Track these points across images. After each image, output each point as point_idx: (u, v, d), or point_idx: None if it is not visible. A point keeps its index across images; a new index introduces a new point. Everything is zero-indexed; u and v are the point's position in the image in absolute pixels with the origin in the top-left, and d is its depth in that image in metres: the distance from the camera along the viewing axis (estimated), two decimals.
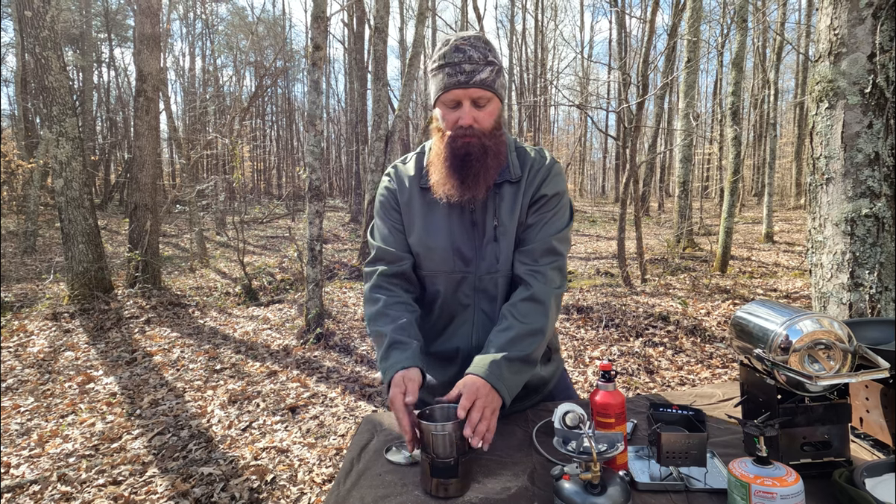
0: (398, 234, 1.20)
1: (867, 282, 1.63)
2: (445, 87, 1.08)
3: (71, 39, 17.01)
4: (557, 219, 1.16)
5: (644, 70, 6.46)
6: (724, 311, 4.88)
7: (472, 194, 1.10)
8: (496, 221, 1.13)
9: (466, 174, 1.08)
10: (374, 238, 1.23)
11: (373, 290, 1.18)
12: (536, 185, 1.16)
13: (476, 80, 1.06)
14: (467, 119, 1.08)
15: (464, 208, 1.14)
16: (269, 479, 2.39)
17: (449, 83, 1.07)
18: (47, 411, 3.21)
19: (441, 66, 1.08)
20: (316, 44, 4.59)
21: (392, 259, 1.19)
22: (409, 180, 1.20)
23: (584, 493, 0.77)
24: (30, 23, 5.37)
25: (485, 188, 1.11)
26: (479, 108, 1.09)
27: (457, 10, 22.10)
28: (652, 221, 16.15)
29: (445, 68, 1.07)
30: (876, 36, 1.58)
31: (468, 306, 1.17)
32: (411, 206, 1.18)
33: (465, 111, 1.08)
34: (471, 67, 1.06)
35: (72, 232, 5.68)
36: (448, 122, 1.10)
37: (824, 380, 0.84)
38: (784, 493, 0.72)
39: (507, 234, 1.14)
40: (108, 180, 19.88)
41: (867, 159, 1.62)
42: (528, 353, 1.05)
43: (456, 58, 1.06)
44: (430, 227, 1.15)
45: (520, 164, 1.18)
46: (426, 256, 1.17)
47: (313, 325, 4.57)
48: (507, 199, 1.14)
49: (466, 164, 1.08)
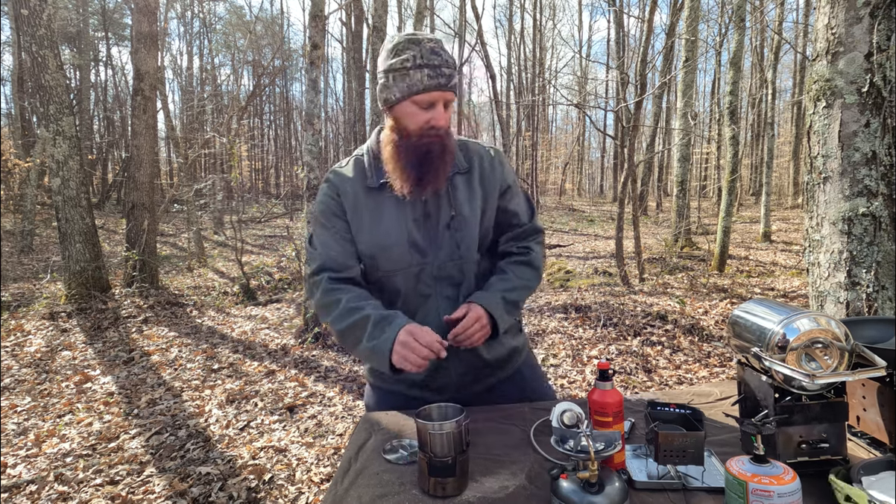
0: (344, 242, 1.18)
1: (864, 280, 1.63)
2: (426, 88, 1.08)
3: (68, 38, 16.96)
4: (523, 201, 1.29)
5: (642, 69, 6.46)
6: (722, 310, 4.89)
7: (433, 189, 1.14)
8: (453, 211, 1.17)
9: (426, 171, 1.11)
10: (315, 247, 1.20)
11: (326, 293, 1.15)
12: (498, 175, 1.23)
13: (451, 84, 1.11)
14: (443, 121, 1.11)
15: (415, 201, 1.16)
16: (267, 478, 2.39)
17: (430, 84, 1.08)
18: (44, 411, 3.20)
19: (419, 65, 1.07)
20: (314, 43, 4.58)
21: (338, 267, 1.17)
22: (351, 184, 1.19)
23: (582, 491, 0.77)
24: (26, 21, 5.35)
25: (442, 181, 1.15)
26: (445, 111, 1.13)
27: (455, 10, 22.10)
28: (650, 221, 16.18)
29: (425, 69, 1.07)
30: (873, 35, 1.58)
31: (429, 296, 1.18)
32: (358, 209, 1.18)
33: (439, 112, 1.11)
34: (449, 72, 1.10)
35: (69, 231, 5.66)
36: (417, 122, 1.11)
37: (821, 378, 0.84)
38: (781, 491, 0.72)
39: (468, 222, 1.18)
40: (105, 179, 19.83)
41: (864, 158, 1.62)
42: (519, 301, 1.19)
43: (435, 60, 1.08)
44: (382, 227, 1.16)
45: (464, 155, 1.23)
46: (382, 257, 1.17)
47: (311, 325, 4.57)
48: (461, 188, 1.19)
49: (427, 161, 1.11)
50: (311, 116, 4.67)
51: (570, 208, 21.55)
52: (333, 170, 1.25)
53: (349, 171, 1.22)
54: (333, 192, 1.20)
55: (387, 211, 1.16)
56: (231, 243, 7.45)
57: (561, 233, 13.94)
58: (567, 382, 3.50)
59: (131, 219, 6.48)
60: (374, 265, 1.19)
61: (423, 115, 1.10)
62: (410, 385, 1.23)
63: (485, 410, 1.24)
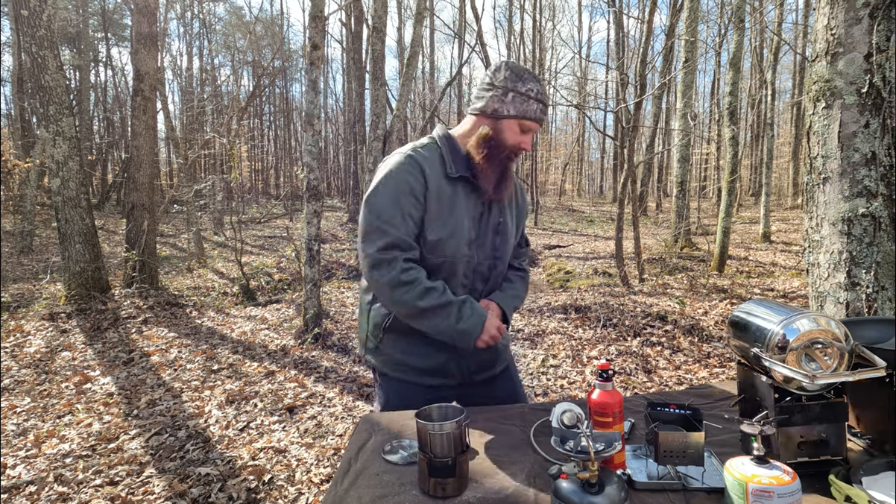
0: (411, 222, 1.24)
1: (864, 281, 1.63)
2: (534, 118, 1.28)
3: (68, 38, 16.96)
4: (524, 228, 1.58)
5: (642, 70, 6.46)
6: (722, 310, 4.89)
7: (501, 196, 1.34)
8: (500, 219, 1.37)
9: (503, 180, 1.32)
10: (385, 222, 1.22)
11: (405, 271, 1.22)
12: (523, 203, 1.50)
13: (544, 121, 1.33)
14: (528, 146, 1.32)
15: (478, 200, 1.33)
16: (266, 479, 2.39)
17: (539, 117, 1.29)
18: (44, 412, 3.20)
19: (537, 99, 1.28)
20: (314, 43, 4.59)
21: (407, 247, 1.24)
22: (434, 169, 1.28)
23: (582, 492, 0.77)
24: (26, 22, 5.35)
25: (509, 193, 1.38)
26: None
27: (455, 11, 22.11)
28: (650, 221, 16.18)
29: (539, 104, 1.29)
30: (872, 36, 1.58)
31: (465, 286, 1.34)
32: (440, 195, 1.27)
33: (528, 139, 1.31)
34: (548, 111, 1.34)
35: (69, 232, 5.66)
36: (514, 140, 1.29)
37: (821, 379, 0.84)
38: (781, 491, 0.73)
39: (508, 232, 1.39)
40: (105, 180, 19.82)
41: (864, 159, 1.63)
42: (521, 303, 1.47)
43: (546, 99, 1.31)
44: (454, 216, 1.28)
45: None
46: (447, 244, 1.27)
47: (311, 325, 4.56)
48: (505, 206, 1.40)
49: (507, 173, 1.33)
50: (310, 117, 4.67)
51: (569, 209, 21.56)
52: (416, 149, 1.30)
53: (432, 155, 1.30)
54: (418, 170, 1.26)
55: (459, 202, 1.29)
56: (231, 244, 7.45)
57: (561, 233, 13.94)
58: (567, 383, 3.50)
59: (131, 219, 6.47)
60: (435, 250, 1.27)
61: (520, 137, 1.29)
62: (431, 373, 1.34)
63: (485, 411, 1.24)
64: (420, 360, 1.33)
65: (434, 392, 1.33)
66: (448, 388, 1.36)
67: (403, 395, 1.33)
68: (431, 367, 1.33)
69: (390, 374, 1.36)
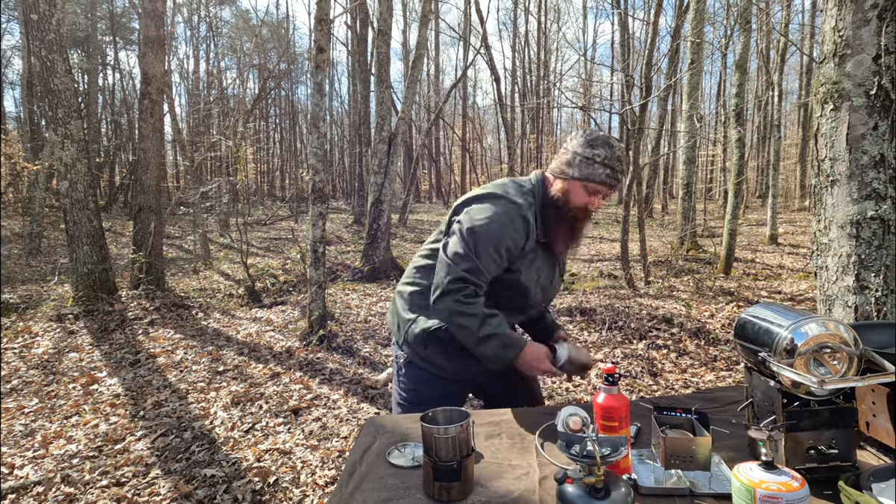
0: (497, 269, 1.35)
1: (873, 284, 1.61)
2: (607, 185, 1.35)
3: (76, 42, 17.12)
4: None
5: (647, 72, 6.45)
6: (728, 313, 4.86)
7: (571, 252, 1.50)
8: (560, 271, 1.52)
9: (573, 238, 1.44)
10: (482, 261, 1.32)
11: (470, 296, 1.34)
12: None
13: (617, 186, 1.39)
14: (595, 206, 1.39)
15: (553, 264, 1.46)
16: (271, 481, 2.39)
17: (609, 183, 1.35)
18: (51, 412, 3.22)
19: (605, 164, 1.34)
20: (319, 46, 4.61)
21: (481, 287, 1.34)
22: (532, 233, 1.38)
23: (588, 497, 0.76)
24: (36, 26, 5.40)
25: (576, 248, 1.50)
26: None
27: (460, 13, 22.14)
28: (655, 223, 16.11)
29: (608, 169, 1.34)
30: (881, 37, 1.57)
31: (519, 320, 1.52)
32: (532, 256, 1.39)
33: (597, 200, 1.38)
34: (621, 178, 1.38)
35: (76, 234, 5.71)
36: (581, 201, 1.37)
37: (830, 383, 0.83)
38: (790, 497, 0.72)
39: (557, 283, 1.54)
40: (112, 182, 19.97)
41: (872, 161, 1.61)
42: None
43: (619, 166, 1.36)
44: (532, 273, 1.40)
45: None
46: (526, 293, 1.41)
47: (316, 327, 4.57)
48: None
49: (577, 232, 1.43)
50: (316, 120, 4.69)
51: None
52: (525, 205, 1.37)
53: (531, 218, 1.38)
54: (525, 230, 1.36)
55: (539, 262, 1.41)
56: (236, 246, 7.48)
57: None
58: (572, 386, 3.49)
59: (138, 221, 6.52)
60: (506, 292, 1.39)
61: (588, 198, 1.37)
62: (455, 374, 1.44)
63: (490, 415, 1.23)
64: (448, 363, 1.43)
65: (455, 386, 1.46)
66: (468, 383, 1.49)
67: (427, 381, 1.45)
68: (458, 370, 1.43)
69: (416, 363, 1.46)
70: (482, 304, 1.32)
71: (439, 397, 1.28)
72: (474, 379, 1.48)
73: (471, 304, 1.31)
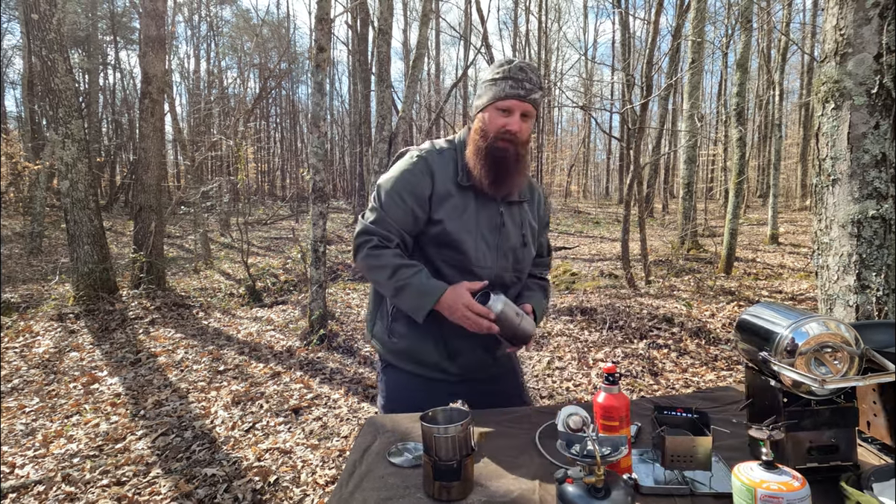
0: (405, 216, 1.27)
1: (874, 284, 1.61)
2: (506, 96, 1.24)
3: (77, 42, 17.13)
4: (547, 238, 1.54)
5: (648, 71, 6.44)
6: (729, 312, 4.85)
7: (507, 192, 1.30)
8: (523, 231, 1.37)
9: (503, 174, 1.27)
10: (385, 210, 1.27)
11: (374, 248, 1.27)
12: (545, 212, 1.48)
13: (531, 98, 1.26)
14: (516, 126, 1.25)
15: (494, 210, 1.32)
16: (272, 480, 2.39)
17: (510, 93, 1.24)
18: (52, 412, 3.22)
19: (505, 77, 1.25)
20: (320, 45, 4.60)
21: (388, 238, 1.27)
22: (446, 172, 1.29)
23: (588, 496, 0.76)
24: (36, 25, 5.40)
25: (514, 190, 1.32)
26: (523, 121, 1.27)
27: (460, 12, 22.13)
28: (656, 223, 16.09)
29: (509, 80, 1.24)
30: (882, 36, 1.57)
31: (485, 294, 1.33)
32: (448, 200, 1.28)
33: (515, 119, 1.25)
34: (529, 87, 1.25)
35: (77, 233, 5.71)
36: (495, 125, 1.25)
37: (831, 383, 0.83)
38: (790, 497, 0.72)
39: (530, 244, 1.39)
40: (113, 182, 19.98)
41: (874, 160, 1.61)
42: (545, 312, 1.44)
43: (519, 75, 1.25)
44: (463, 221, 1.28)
45: (528, 188, 1.42)
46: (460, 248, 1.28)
47: (317, 327, 4.57)
48: (528, 215, 1.40)
49: (503, 165, 1.26)
50: (316, 119, 4.69)
51: (575, 210, 21.49)
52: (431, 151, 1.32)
53: (447, 161, 1.31)
54: (428, 170, 1.28)
55: (469, 210, 1.29)
56: (237, 245, 7.48)
57: (566, 235, 13.90)
58: (573, 385, 3.48)
59: (139, 221, 6.52)
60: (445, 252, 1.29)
61: (501, 119, 1.25)
62: (431, 367, 1.33)
63: (490, 414, 1.23)
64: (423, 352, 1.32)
65: (435, 385, 1.33)
66: (448, 384, 1.34)
67: (405, 387, 1.34)
68: (432, 360, 1.33)
69: (393, 364, 1.37)
70: (392, 254, 1.25)
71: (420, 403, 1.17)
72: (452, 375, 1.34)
73: (378, 255, 1.25)
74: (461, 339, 1.29)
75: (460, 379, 1.35)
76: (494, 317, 1.19)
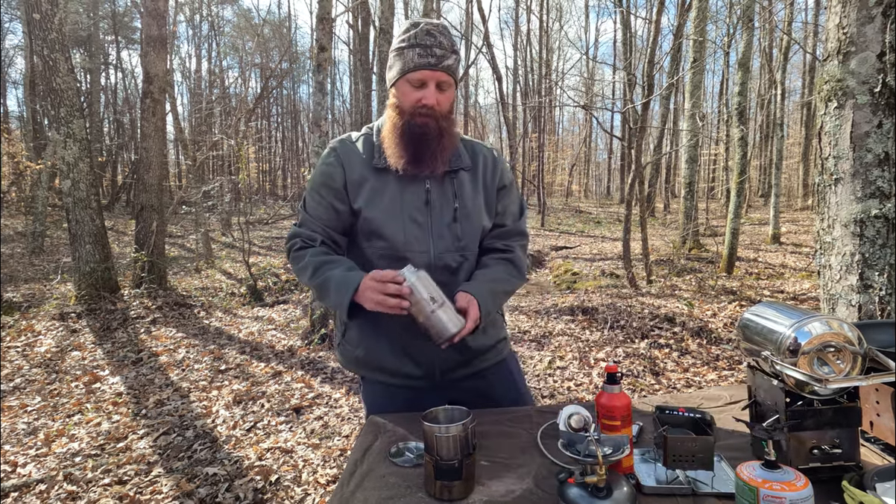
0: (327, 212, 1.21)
1: (877, 283, 1.61)
2: (416, 66, 1.11)
3: (79, 42, 17.15)
4: (515, 203, 1.32)
5: (649, 70, 6.43)
6: (731, 312, 4.84)
7: (430, 170, 1.16)
8: (457, 203, 1.20)
9: (423, 152, 1.14)
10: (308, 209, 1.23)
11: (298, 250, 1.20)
12: (497, 175, 1.28)
13: (444, 65, 1.13)
14: (431, 99, 1.13)
15: (418, 188, 1.18)
16: (273, 479, 2.39)
17: (419, 63, 1.11)
18: (54, 411, 3.23)
19: (412, 45, 1.12)
20: (321, 45, 4.60)
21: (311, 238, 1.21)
22: (358, 159, 1.20)
23: (590, 496, 0.76)
24: (38, 25, 5.41)
25: (441, 165, 1.18)
26: (440, 92, 1.15)
27: (461, 11, 22.12)
28: (657, 222, 16.07)
29: (416, 48, 1.11)
30: (885, 34, 1.56)
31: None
32: (363, 185, 1.19)
33: (430, 91, 1.13)
34: (441, 52, 1.12)
35: (79, 233, 5.72)
36: (409, 100, 1.14)
37: (833, 383, 0.83)
38: (793, 497, 0.71)
39: (471, 215, 1.21)
40: (114, 181, 20.02)
41: (877, 159, 1.60)
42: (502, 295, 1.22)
43: (427, 41, 1.11)
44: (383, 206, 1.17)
45: (469, 154, 1.27)
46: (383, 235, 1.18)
47: (318, 326, 4.58)
48: (466, 184, 1.23)
49: (423, 142, 1.14)
50: (317, 118, 4.69)
51: (576, 210, 21.47)
52: (342, 140, 1.25)
53: (359, 146, 1.22)
54: (339, 161, 1.20)
55: (389, 192, 1.18)
56: (238, 245, 7.49)
57: (568, 234, 13.89)
58: (574, 385, 3.48)
59: (140, 220, 6.53)
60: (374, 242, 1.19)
61: (415, 93, 1.13)
62: (392, 374, 1.23)
63: (492, 413, 1.23)
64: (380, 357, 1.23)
65: (414, 392, 1.23)
66: (421, 391, 1.23)
67: (383, 396, 1.25)
68: (392, 366, 1.22)
69: (368, 377, 1.28)
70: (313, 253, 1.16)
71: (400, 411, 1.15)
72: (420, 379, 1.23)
73: (301, 255, 1.17)
74: (415, 337, 1.14)
75: (432, 384, 1.23)
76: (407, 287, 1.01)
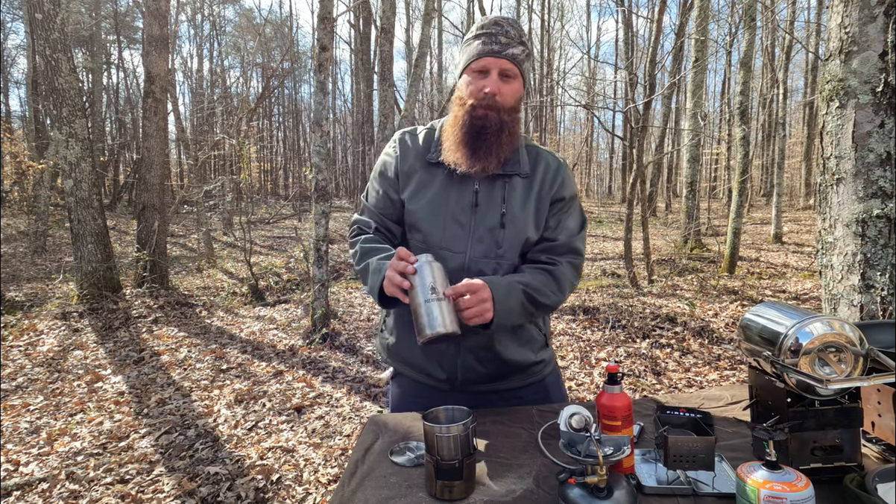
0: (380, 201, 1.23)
1: (878, 283, 1.60)
2: (479, 55, 1.10)
3: (81, 41, 17.19)
4: (574, 219, 1.22)
5: (651, 70, 6.42)
6: (732, 312, 4.84)
7: (483, 166, 1.11)
8: (504, 209, 1.14)
9: (480, 145, 1.10)
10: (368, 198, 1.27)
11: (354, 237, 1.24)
12: (556, 186, 1.19)
13: (508, 53, 1.10)
14: (493, 87, 1.10)
15: (467, 188, 1.15)
16: (274, 478, 2.40)
17: (483, 51, 1.10)
18: (56, 410, 3.24)
19: (477, 35, 1.12)
20: (322, 45, 4.60)
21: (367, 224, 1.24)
22: (415, 152, 1.21)
23: (590, 496, 0.76)
24: (40, 25, 5.42)
25: (496, 162, 1.12)
26: (504, 82, 1.11)
27: (463, 11, 22.11)
28: (659, 222, 16.05)
29: (482, 37, 1.11)
30: (888, 34, 1.56)
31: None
32: (411, 177, 1.19)
33: (492, 79, 1.10)
34: (506, 41, 1.10)
35: (81, 232, 5.73)
36: (473, 90, 1.12)
37: (835, 383, 0.83)
38: (794, 498, 0.71)
39: (516, 223, 1.15)
40: (116, 181, 20.05)
41: (879, 159, 1.60)
42: (530, 302, 1.09)
43: (493, 29, 1.11)
44: (425, 200, 1.16)
45: (530, 160, 1.20)
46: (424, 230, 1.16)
47: (319, 326, 4.58)
48: (518, 191, 1.17)
49: (482, 135, 1.10)
50: (319, 118, 4.69)
51: None
52: (406, 131, 1.26)
53: (419, 139, 1.23)
54: (395, 152, 1.22)
55: (435, 188, 1.16)
56: (240, 244, 7.50)
57: None
58: (575, 385, 3.48)
59: (142, 220, 6.54)
60: (413, 235, 1.20)
61: (479, 82, 1.11)
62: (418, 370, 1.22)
63: (492, 413, 1.23)
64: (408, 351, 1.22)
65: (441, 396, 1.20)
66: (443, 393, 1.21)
67: (409, 393, 1.25)
68: (418, 361, 1.21)
69: (398, 370, 1.28)
70: (364, 239, 1.18)
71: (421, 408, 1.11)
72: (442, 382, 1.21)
73: (354, 242, 1.20)
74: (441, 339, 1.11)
75: (451, 387, 1.21)
76: (412, 268, 0.96)
